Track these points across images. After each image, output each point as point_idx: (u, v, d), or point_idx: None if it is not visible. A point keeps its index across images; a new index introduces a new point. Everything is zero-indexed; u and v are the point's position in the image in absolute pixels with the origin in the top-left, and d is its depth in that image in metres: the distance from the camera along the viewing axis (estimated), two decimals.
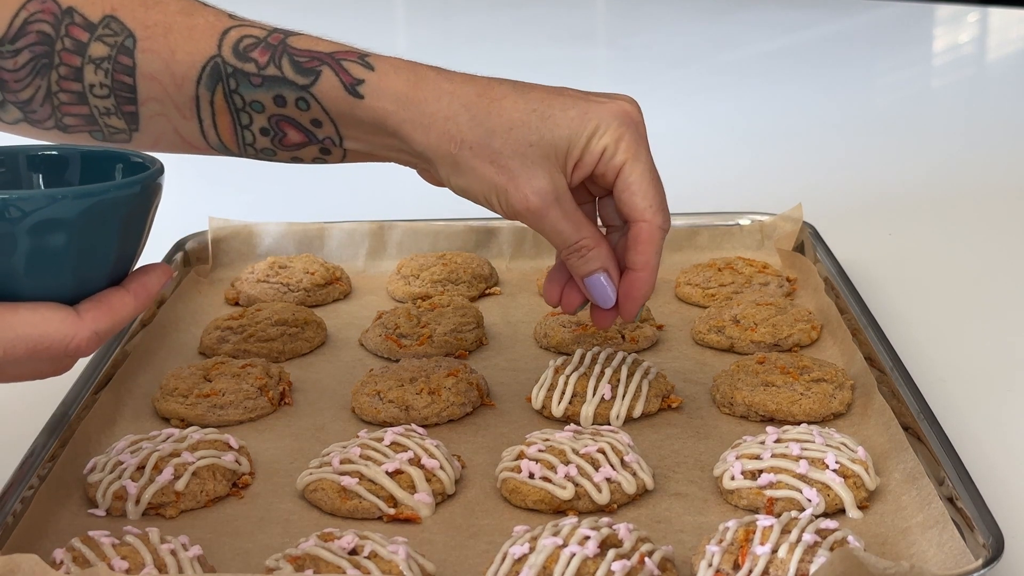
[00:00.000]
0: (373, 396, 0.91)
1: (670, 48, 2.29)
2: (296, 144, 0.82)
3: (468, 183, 0.79)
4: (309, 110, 0.80)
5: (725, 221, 1.23)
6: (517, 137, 0.77)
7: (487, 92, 0.78)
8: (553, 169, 0.78)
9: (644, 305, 0.83)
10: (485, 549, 0.75)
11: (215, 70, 0.79)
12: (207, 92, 0.80)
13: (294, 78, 0.79)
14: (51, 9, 0.79)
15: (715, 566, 0.69)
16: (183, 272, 1.17)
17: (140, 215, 0.70)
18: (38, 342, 0.65)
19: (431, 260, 1.16)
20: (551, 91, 0.80)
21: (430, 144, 0.78)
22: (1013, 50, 2.36)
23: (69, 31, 0.79)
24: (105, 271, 0.69)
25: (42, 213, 0.65)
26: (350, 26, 2.42)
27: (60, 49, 0.79)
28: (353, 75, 0.79)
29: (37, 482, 0.80)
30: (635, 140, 0.79)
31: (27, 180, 0.74)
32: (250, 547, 0.76)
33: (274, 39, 0.80)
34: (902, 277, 1.18)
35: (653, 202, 0.79)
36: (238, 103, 0.80)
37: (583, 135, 0.78)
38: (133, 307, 0.69)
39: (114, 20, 0.79)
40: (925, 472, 0.78)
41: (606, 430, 0.83)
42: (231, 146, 0.83)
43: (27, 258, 0.66)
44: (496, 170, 0.78)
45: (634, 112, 0.80)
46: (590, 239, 0.81)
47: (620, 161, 0.78)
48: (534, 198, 0.78)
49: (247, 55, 0.79)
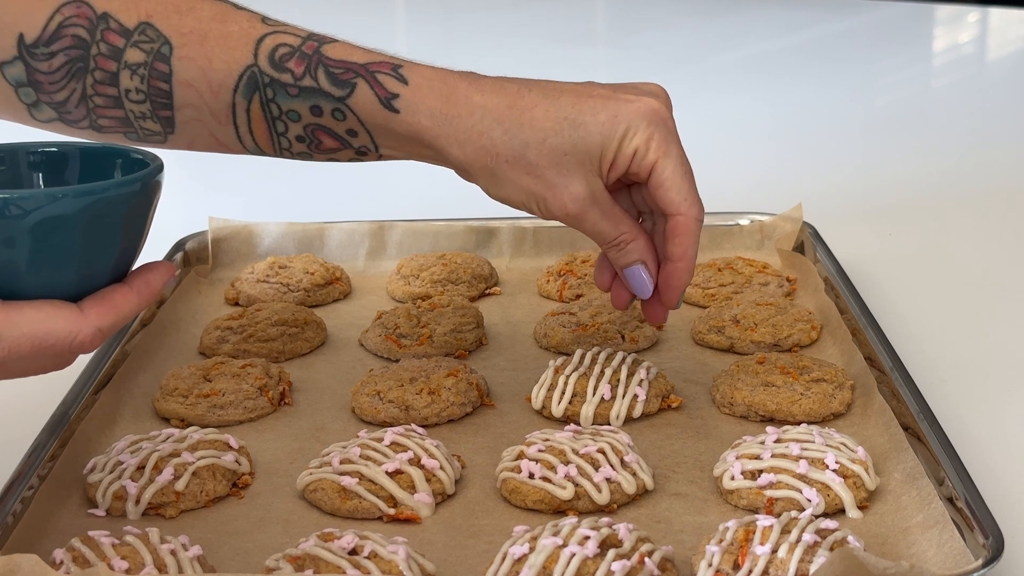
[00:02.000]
0: (373, 396, 0.91)
1: (670, 48, 2.29)
2: (332, 149, 0.83)
3: (507, 193, 0.81)
4: (345, 120, 0.81)
5: (725, 221, 1.23)
6: (551, 147, 0.79)
7: (518, 102, 0.79)
8: (588, 174, 0.80)
9: (684, 292, 0.85)
10: (485, 549, 0.75)
11: (252, 79, 0.80)
12: (244, 101, 0.80)
13: (330, 89, 0.80)
14: (86, 14, 0.79)
15: (715, 566, 0.69)
16: (183, 272, 1.17)
17: (141, 212, 0.70)
18: (43, 339, 0.66)
19: (431, 260, 1.16)
20: (581, 94, 0.80)
21: (466, 158, 0.80)
22: (1013, 50, 2.36)
23: (105, 36, 0.79)
24: (107, 268, 0.69)
25: (43, 212, 0.65)
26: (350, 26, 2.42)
27: (95, 54, 0.79)
28: (388, 89, 0.80)
29: (37, 482, 0.80)
30: (664, 137, 0.80)
31: (27, 177, 0.75)
32: (250, 547, 0.76)
33: (308, 47, 0.80)
34: (902, 277, 1.18)
35: (687, 195, 0.81)
36: (274, 112, 0.81)
37: (615, 139, 0.79)
38: (136, 303, 0.70)
39: (149, 27, 0.80)
40: (925, 472, 0.78)
41: (606, 430, 0.83)
42: (267, 150, 0.84)
43: (29, 256, 0.66)
44: (533, 180, 0.80)
45: (661, 109, 0.81)
46: (628, 233, 0.83)
47: (652, 160, 0.80)
48: (572, 204, 0.80)
49: (283, 65, 0.80)
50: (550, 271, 1.16)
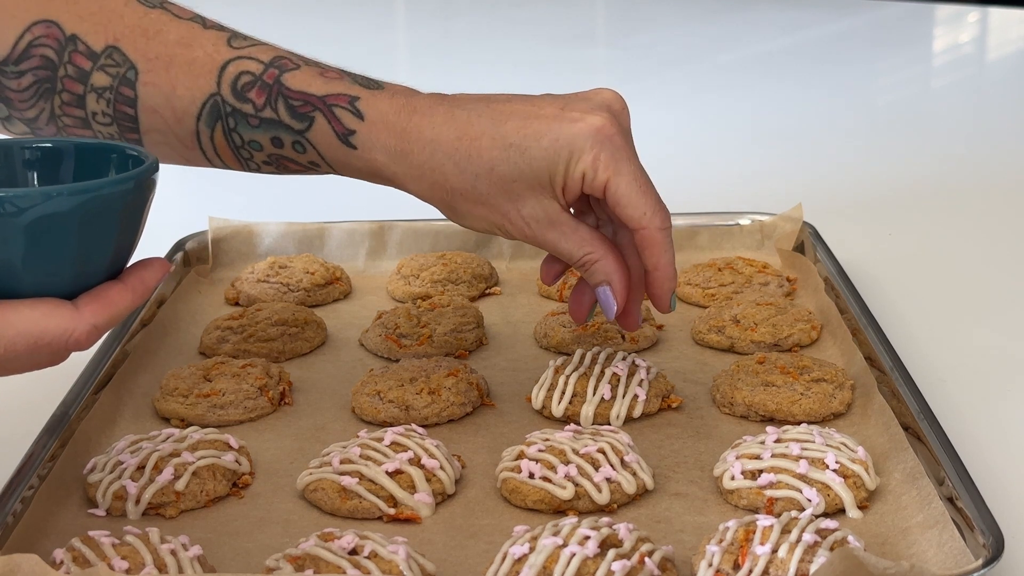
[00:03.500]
0: (373, 396, 0.91)
1: (670, 48, 2.29)
2: (299, 172, 0.85)
3: (469, 223, 0.83)
4: (306, 153, 0.83)
5: (725, 221, 1.23)
6: (499, 175, 0.79)
7: (467, 132, 0.79)
8: (542, 197, 0.80)
9: (675, 294, 0.85)
10: (485, 549, 0.75)
11: (214, 108, 0.81)
12: (207, 129, 0.82)
13: (290, 122, 0.81)
14: (55, 35, 0.80)
15: (715, 566, 0.69)
16: (183, 272, 1.17)
17: (136, 209, 0.70)
18: (39, 337, 0.66)
19: (431, 260, 1.16)
20: (527, 116, 0.79)
21: (424, 193, 0.82)
22: (1013, 50, 2.36)
23: (72, 58, 0.80)
24: (103, 265, 0.69)
25: (38, 210, 0.65)
26: (350, 26, 2.42)
27: (63, 75, 0.80)
28: (345, 124, 0.81)
29: (37, 482, 0.80)
30: (612, 155, 0.79)
31: (22, 174, 0.74)
32: (250, 547, 0.76)
33: (270, 76, 0.81)
34: (902, 277, 1.18)
35: (646, 208, 0.80)
36: (237, 141, 0.82)
37: (560, 163, 0.79)
38: (131, 300, 0.70)
39: (116, 51, 0.80)
40: (925, 472, 0.78)
41: (606, 430, 0.83)
42: (236, 168, 0.85)
43: (25, 254, 0.66)
44: (488, 210, 0.80)
45: (607, 125, 0.79)
46: (593, 253, 0.82)
47: (602, 180, 0.79)
48: (528, 229, 0.81)
49: (245, 95, 0.81)
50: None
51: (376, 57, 2.10)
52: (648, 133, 0.81)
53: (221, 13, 0.88)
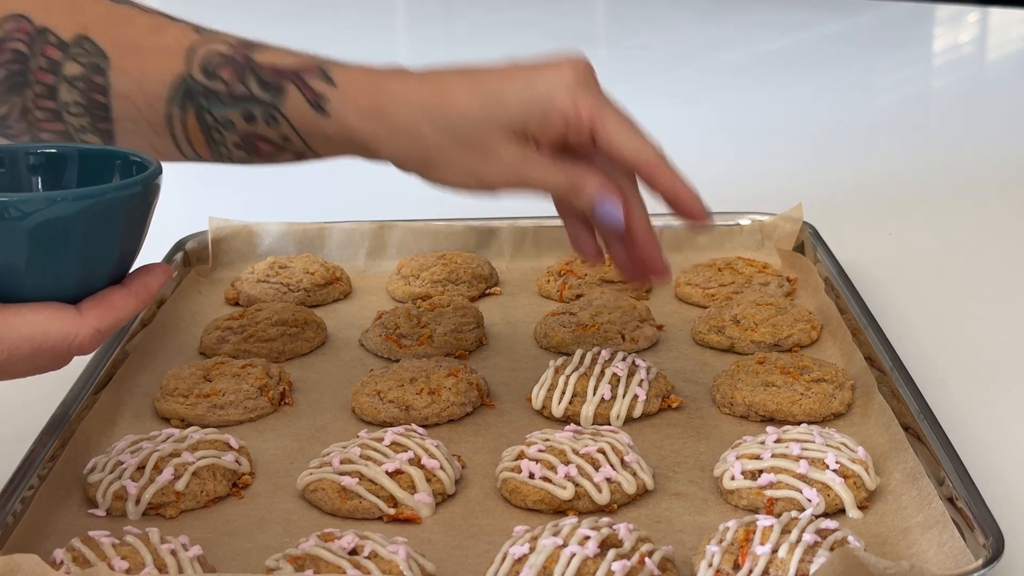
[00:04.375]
0: (373, 396, 0.91)
1: (670, 49, 2.29)
2: (270, 154, 0.85)
3: (444, 176, 0.82)
4: (278, 126, 0.83)
5: (725, 221, 1.23)
6: (476, 122, 0.79)
7: (441, 89, 0.80)
8: (519, 142, 0.80)
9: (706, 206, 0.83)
10: (485, 549, 0.75)
11: (186, 89, 0.82)
12: (179, 111, 0.82)
13: (261, 95, 0.82)
14: (25, 28, 0.80)
15: (715, 566, 0.69)
16: (183, 272, 1.17)
17: (140, 215, 0.70)
18: (42, 342, 0.66)
19: (431, 260, 1.16)
20: (501, 71, 0.81)
21: (399, 151, 0.81)
22: (1013, 50, 2.36)
23: (43, 50, 0.80)
24: (106, 271, 0.69)
25: (42, 215, 0.65)
26: (351, 26, 2.42)
27: (35, 68, 0.80)
28: (316, 91, 0.81)
29: (37, 482, 0.80)
30: (592, 93, 0.80)
31: (26, 179, 0.75)
32: (250, 547, 0.76)
33: (239, 55, 0.82)
34: (902, 277, 1.18)
35: (638, 143, 0.80)
36: (209, 121, 0.82)
37: (536, 104, 0.79)
38: (134, 305, 0.70)
39: (86, 40, 0.81)
40: (925, 472, 0.78)
41: (606, 430, 0.83)
42: (206, 157, 0.85)
43: (28, 259, 0.66)
44: (465, 158, 0.80)
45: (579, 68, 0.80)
46: (579, 175, 0.81)
47: (588, 119, 0.79)
48: (508, 169, 0.80)
49: (215, 73, 0.81)
50: (550, 271, 1.16)
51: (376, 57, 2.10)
52: (645, 133, 0.81)
53: (221, 13, 0.88)
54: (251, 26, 0.91)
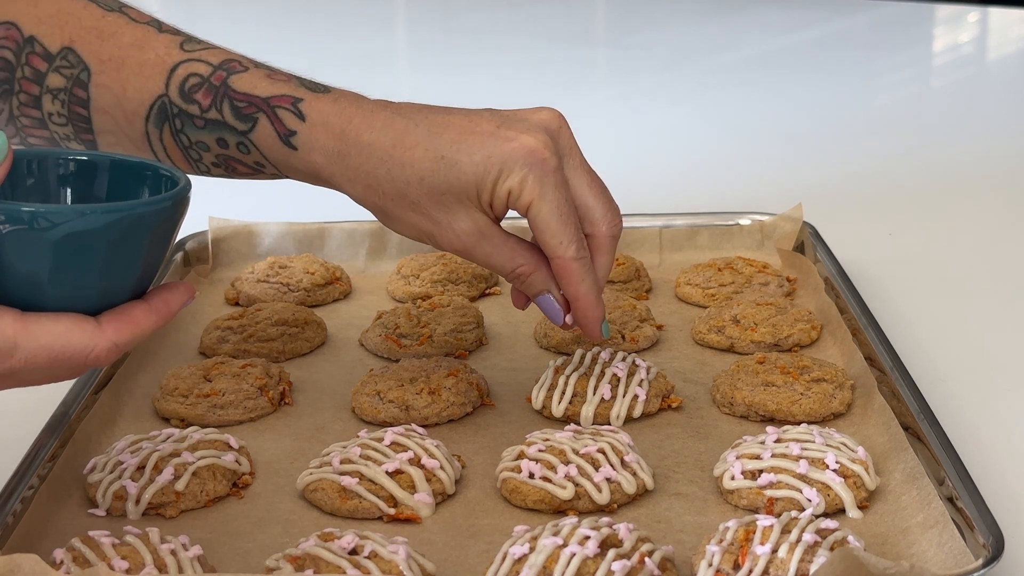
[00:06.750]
0: (373, 396, 0.91)
1: (670, 48, 2.29)
2: (247, 173, 0.85)
3: (399, 228, 0.82)
4: (250, 154, 0.83)
5: (725, 221, 1.23)
6: (429, 186, 0.79)
7: (403, 140, 0.79)
8: (471, 209, 0.80)
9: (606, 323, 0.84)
10: (485, 549, 0.75)
11: (162, 109, 0.82)
12: (156, 129, 0.82)
13: (234, 123, 0.82)
14: (14, 36, 0.80)
15: (715, 566, 0.69)
16: (183, 272, 1.17)
17: (166, 231, 0.69)
18: (60, 352, 0.66)
19: (431, 260, 1.16)
20: (464, 130, 0.79)
21: (358, 195, 0.81)
22: (1013, 50, 2.36)
23: (29, 60, 0.81)
24: (128, 284, 0.69)
25: (69, 226, 0.65)
26: (351, 26, 2.42)
27: (20, 77, 0.81)
28: (287, 125, 0.81)
29: (37, 482, 0.80)
30: (539, 179, 0.78)
31: (55, 189, 0.74)
32: (250, 547, 0.76)
33: (217, 79, 0.82)
34: (902, 277, 1.18)
35: (563, 237, 0.79)
36: (184, 142, 0.83)
37: (488, 180, 0.78)
38: (154, 321, 0.70)
39: (71, 52, 0.81)
40: (925, 472, 0.78)
41: (606, 430, 0.83)
42: (188, 171, 0.85)
43: (52, 270, 0.66)
44: (418, 217, 0.80)
45: (540, 149, 0.78)
46: (526, 266, 0.82)
47: (526, 203, 0.79)
48: (458, 240, 0.80)
49: (191, 96, 0.81)
50: None
51: (376, 57, 2.10)
52: (648, 133, 0.81)
53: (221, 13, 0.88)
54: (251, 25, 0.91)
